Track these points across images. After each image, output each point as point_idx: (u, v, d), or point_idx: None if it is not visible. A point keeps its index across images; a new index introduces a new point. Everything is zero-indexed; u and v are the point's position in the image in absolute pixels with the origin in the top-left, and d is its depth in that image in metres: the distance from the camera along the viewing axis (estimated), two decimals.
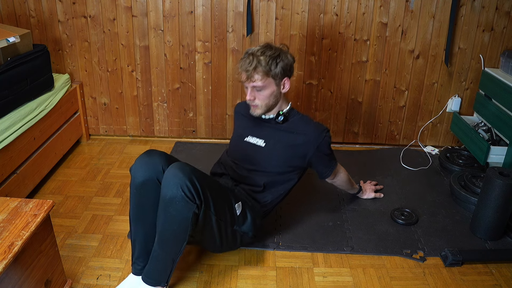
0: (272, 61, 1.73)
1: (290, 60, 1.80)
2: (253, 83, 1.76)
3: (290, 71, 1.82)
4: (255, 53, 1.75)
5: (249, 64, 1.73)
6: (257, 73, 1.74)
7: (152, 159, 1.60)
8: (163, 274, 1.57)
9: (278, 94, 1.81)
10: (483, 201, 1.97)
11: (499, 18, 2.55)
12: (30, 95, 2.28)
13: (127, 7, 2.60)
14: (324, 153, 1.87)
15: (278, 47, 1.80)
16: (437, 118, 2.83)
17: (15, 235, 1.30)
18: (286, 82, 1.81)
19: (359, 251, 1.93)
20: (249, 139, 1.92)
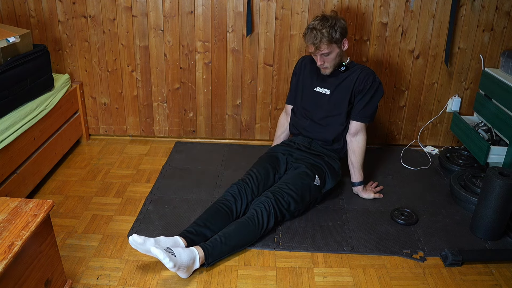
0: (332, 30, 2.06)
1: (344, 23, 2.12)
2: (320, 52, 2.10)
3: (346, 32, 2.14)
4: (316, 27, 2.07)
5: (315, 38, 2.07)
6: (323, 44, 2.07)
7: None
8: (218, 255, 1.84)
9: (342, 52, 2.17)
10: (483, 201, 1.97)
11: (499, 18, 2.55)
12: (30, 95, 2.28)
13: (127, 7, 2.60)
14: (369, 96, 2.19)
15: (331, 16, 2.11)
16: (437, 118, 2.83)
17: (15, 235, 1.30)
18: (345, 42, 2.15)
19: (359, 251, 1.93)
20: (318, 89, 2.28)
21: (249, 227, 1.90)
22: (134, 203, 2.24)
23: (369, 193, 2.30)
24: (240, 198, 2.02)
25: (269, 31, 2.62)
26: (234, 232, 1.87)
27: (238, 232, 1.88)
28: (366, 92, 2.18)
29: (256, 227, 1.91)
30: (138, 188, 2.38)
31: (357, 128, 2.23)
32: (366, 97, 2.19)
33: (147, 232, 2.02)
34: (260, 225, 1.91)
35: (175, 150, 2.80)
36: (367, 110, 2.21)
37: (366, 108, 2.20)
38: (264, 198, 1.98)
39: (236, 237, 1.86)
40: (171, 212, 2.16)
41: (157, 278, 1.76)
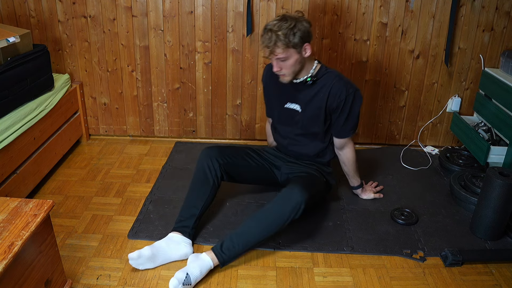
0: (289, 33, 1.82)
1: (307, 27, 1.88)
2: (276, 56, 1.88)
3: (309, 36, 1.90)
4: (272, 28, 1.84)
5: (269, 40, 1.84)
6: (278, 47, 1.84)
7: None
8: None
9: (302, 59, 1.92)
10: (483, 201, 1.97)
11: (499, 18, 2.55)
12: (30, 95, 2.28)
13: (127, 7, 2.60)
14: (346, 111, 2.00)
15: (293, 16, 1.88)
16: (437, 118, 2.83)
17: (15, 235, 1.30)
18: (307, 48, 1.90)
19: (359, 251, 1.93)
20: (288, 105, 2.08)
21: (267, 219, 1.81)
22: (134, 203, 2.24)
23: (369, 194, 2.30)
24: (211, 162, 1.99)
25: None
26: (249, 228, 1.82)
27: (254, 227, 1.82)
28: (342, 109, 1.98)
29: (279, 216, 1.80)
30: (138, 188, 2.38)
31: (341, 143, 2.10)
32: (343, 113, 2.00)
33: (147, 232, 2.02)
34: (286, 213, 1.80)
35: (175, 150, 2.80)
36: (348, 125, 2.04)
37: (346, 124, 2.03)
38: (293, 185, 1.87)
39: (252, 234, 1.81)
40: (171, 212, 2.16)
41: (157, 278, 1.76)
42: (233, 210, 2.19)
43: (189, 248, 1.87)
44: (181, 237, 1.88)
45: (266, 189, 2.33)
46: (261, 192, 2.32)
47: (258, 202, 2.25)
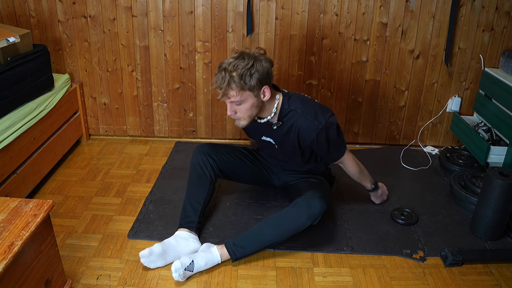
0: (246, 73, 1.66)
1: (266, 67, 1.71)
2: (230, 99, 1.73)
3: (268, 78, 1.74)
4: (227, 68, 1.68)
5: (222, 81, 1.68)
6: (231, 89, 1.69)
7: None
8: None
9: (260, 103, 1.77)
10: (483, 201, 1.97)
11: (499, 18, 2.55)
12: (30, 95, 2.28)
13: (127, 7, 2.60)
14: (324, 144, 1.86)
15: (252, 54, 1.72)
16: (437, 118, 2.83)
17: (15, 235, 1.30)
18: (266, 91, 1.74)
19: (359, 251, 1.93)
20: (264, 138, 1.99)
21: (284, 224, 1.80)
22: (134, 203, 2.24)
23: (377, 199, 2.25)
24: (205, 157, 1.99)
25: (269, 31, 2.62)
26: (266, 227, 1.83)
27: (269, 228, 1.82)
28: (318, 143, 1.85)
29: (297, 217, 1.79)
30: (138, 188, 2.38)
31: (337, 162, 2.00)
32: (322, 146, 1.87)
33: (147, 232, 2.02)
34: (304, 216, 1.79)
35: (175, 150, 2.79)
36: (333, 152, 1.92)
37: (330, 151, 1.91)
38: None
39: (267, 236, 1.82)
40: (171, 212, 2.16)
41: (157, 278, 1.76)
42: (233, 210, 2.19)
43: (197, 243, 1.89)
44: (188, 233, 1.89)
45: (266, 189, 2.33)
46: (261, 192, 2.32)
47: (258, 202, 2.25)
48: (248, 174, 2.15)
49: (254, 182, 2.26)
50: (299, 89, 2.76)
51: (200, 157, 2.00)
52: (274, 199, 2.27)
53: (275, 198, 2.29)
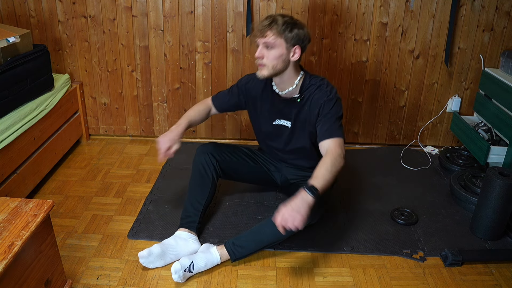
0: (288, 25, 1.75)
1: (307, 34, 1.81)
2: (264, 39, 1.76)
3: (304, 42, 1.81)
4: (275, 16, 1.78)
5: (266, 21, 1.76)
6: (270, 30, 1.75)
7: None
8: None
9: (287, 60, 1.80)
10: (483, 201, 1.97)
11: (499, 18, 2.55)
12: (30, 95, 2.28)
13: (127, 7, 2.60)
14: (328, 109, 1.83)
15: (300, 22, 1.81)
16: (437, 118, 2.82)
17: (15, 235, 1.30)
18: (297, 50, 1.79)
19: (359, 251, 1.93)
20: (277, 122, 1.98)
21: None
22: (134, 203, 2.24)
23: (285, 212, 1.62)
24: (208, 157, 2.01)
25: None
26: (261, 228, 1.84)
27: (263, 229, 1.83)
28: (323, 110, 1.84)
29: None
30: (138, 188, 2.38)
31: (325, 146, 1.80)
32: (326, 115, 1.83)
33: (147, 232, 2.02)
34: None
35: None
36: (332, 125, 1.82)
37: (329, 123, 1.82)
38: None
39: (266, 235, 1.82)
40: (171, 212, 2.16)
41: (157, 278, 1.76)
42: (233, 210, 2.19)
43: (197, 244, 1.89)
44: (188, 233, 1.90)
45: (266, 189, 2.33)
46: (261, 192, 2.32)
47: (258, 202, 2.25)
48: (251, 174, 2.14)
49: (256, 182, 2.25)
50: None
51: (203, 157, 2.01)
52: (274, 199, 2.27)
53: (275, 198, 2.29)
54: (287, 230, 1.60)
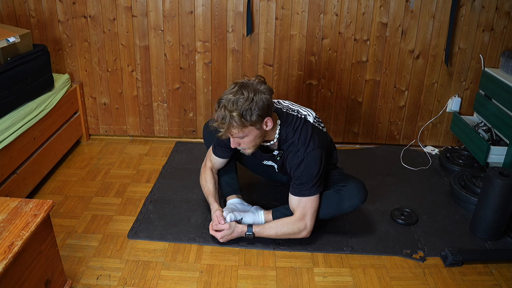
0: (247, 110, 1.63)
1: (266, 100, 1.67)
2: (232, 136, 1.73)
3: (270, 109, 1.71)
4: (227, 105, 1.64)
5: (223, 121, 1.65)
6: (233, 128, 1.67)
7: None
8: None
9: (263, 132, 1.77)
10: (483, 201, 1.97)
11: (499, 18, 2.55)
12: (30, 95, 2.28)
13: (127, 7, 2.60)
14: (296, 177, 1.82)
15: (251, 86, 1.67)
16: (437, 118, 2.83)
17: (15, 235, 1.30)
18: (268, 121, 1.72)
19: (359, 251, 1.93)
20: (266, 162, 2.01)
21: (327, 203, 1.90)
22: (134, 203, 2.24)
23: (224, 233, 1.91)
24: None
25: (269, 31, 2.62)
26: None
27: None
28: (294, 172, 1.82)
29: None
30: (138, 188, 2.38)
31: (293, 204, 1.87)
32: (295, 177, 1.82)
33: (147, 232, 2.02)
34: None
35: (175, 150, 2.79)
36: (302, 184, 1.82)
37: (299, 181, 1.82)
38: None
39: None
40: (171, 212, 2.16)
41: (157, 278, 1.76)
42: None
43: (247, 205, 2.06)
44: (237, 198, 2.07)
45: (266, 189, 2.34)
46: (261, 192, 2.33)
47: (258, 202, 2.25)
48: (255, 164, 2.19)
49: (260, 172, 2.30)
50: (299, 89, 2.76)
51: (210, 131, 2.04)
52: (274, 199, 2.27)
53: (275, 198, 2.29)
54: (323, 214, 1.89)
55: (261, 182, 2.41)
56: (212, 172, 2.10)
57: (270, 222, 1.91)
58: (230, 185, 2.12)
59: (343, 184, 1.92)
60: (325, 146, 1.87)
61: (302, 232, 1.86)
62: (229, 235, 1.90)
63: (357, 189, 1.89)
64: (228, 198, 2.09)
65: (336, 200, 1.89)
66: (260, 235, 1.89)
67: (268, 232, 1.88)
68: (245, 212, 1.98)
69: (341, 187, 1.91)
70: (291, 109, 1.89)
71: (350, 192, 1.88)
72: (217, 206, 1.98)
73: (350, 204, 1.88)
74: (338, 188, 1.91)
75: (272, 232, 1.88)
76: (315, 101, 2.79)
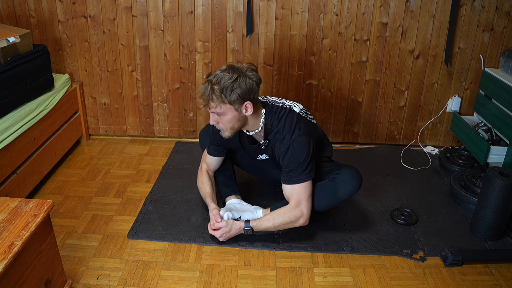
0: (227, 89, 1.70)
1: (249, 84, 1.73)
2: (210, 110, 1.77)
3: (252, 94, 1.75)
4: (212, 80, 1.72)
5: (204, 92, 1.74)
6: (212, 101, 1.73)
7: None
8: None
9: (242, 117, 1.79)
10: (483, 201, 1.97)
11: (499, 18, 2.55)
12: (30, 95, 2.28)
13: (127, 7, 2.60)
14: (285, 164, 1.84)
15: (239, 69, 1.74)
16: (437, 118, 2.83)
17: (15, 235, 1.30)
18: (248, 106, 1.75)
19: (359, 251, 1.93)
20: (260, 157, 2.02)
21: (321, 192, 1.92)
22: (134, 203, 2.24)
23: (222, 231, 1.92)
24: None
25: (269, 31, 2.62)
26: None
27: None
28: (283, 160, 1.84)
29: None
30: (138, 188, 2.38)
31: (287, 192, 1.89)
32: (284, 161, 1.84)
33: (147, 232, 2.02)
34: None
35: (175, 150, 2.80)
36: (292, 171, 1.83)
37: (290, 169, 1.83)
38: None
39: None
40: (171, 212, 2.16)
41: (157, 278, 1.76)
42: None
43: (246, 205, 2.06)
44: (236, 199, 2.09)
45: (266, 189, 2.34)
46: (261, 192, 2.33)
47: (258, 202, 2.25)
48: (251, 163, 2.21)
49: (257, 172, 2.32)
50: (299, 89, 2.76)
51: (207, 136, 2.13)
52: (274, 199, 2.27)
53: (275, 198, 2.29)
54: (319, 205, 1.91)
55: (261, 182, 2.41)
56: (208, 175, 2.13)
57: (266, 214, 1.93)
58: (228, 186, 2.14)
59: (337, 172, 1.95)
60: (313, 135, 1.88)
61: (300, 219, 1.86)
62: (228, 232, 1.90)
63: (351, 176, 1.91)
64: (227, 199, 2.11)
65: (330, 189, 1.91)
66: (258, 229, 1.90)
67: (266, 225, 1.89)
68: (243, 211, 1.99)
69: (335, 175, 1.94)
70: (276, 102, 1.93)
71: (344, 179, 1.90)
72: (214, 206, 1.99)
73: (345, 191, 1.90)
74: (332, 176, 1.94)
75: (269, 224, 1.88)
76: (315, 101, 2.79)
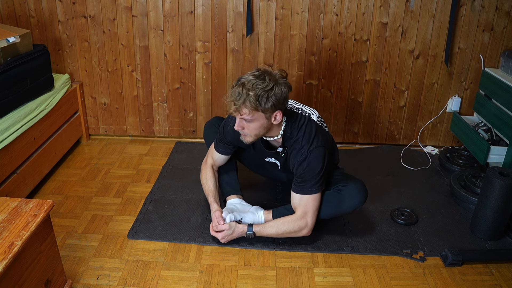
0: (263, 96, 1.64)
1: (284, 92, 1.69)
2: (240, 116, 1.71)
3: (284, 103, 1.72)
4: (246, 84, 1.65)
5: (238, 97, 1.65)
6: (245, 107, 1.66)
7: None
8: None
9: (269, 125, 1.76)
10: (483, 201, 1.97)
11: (499, 18, 2.55)
12: (30, 95, 2.28)
13: (127, 7, 2.60)
14: (299, 174, 1.82)
15: (274, 76, 1.69)
16: (437, 118, 2.83)
17: (15, 235, 1.30)
18: (278, 115, 1.72)
19: (359, 251, 1.93)
20: (268, 159, 2.01)
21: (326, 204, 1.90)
22: (134, 203, 2.24)
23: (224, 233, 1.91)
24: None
25: (269, 31, 2.62)
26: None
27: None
28: (297, 170, 1.83)
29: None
30: (138, 188, 2.38)
31: (295, 201, 1.88)
32: (298, 174, 1.82)
33: (147, 232, 2.02)
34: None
35: (175, 150, 2.80)
36: (304, 183, 1.82)
37: (302, 180, 1.83)
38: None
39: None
40: (171, 212, 2.16)
41: (157, 278, 1.76)
42: None
43: (247, 205, 2.05)
44: (237, 199, 2.07)
45: (266, 189, 2.34)
46: (260, 192, 2.33)
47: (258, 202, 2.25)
48: (257, 162, 2.19)
49: (260, 171, 2.29)
50: (299, 89, 2.76)
51: (212, 130, 2.16)
52: (274, 199, 2.28)
53: (276, 198, 2.29)
54: (322, 214, 1.89)
55: (262, 182, 2.41)
56: (213, 170, 2.10)
57: (270, 221, 1.92)
58: (230, 184, 2.12)
59: (344, 184, 1.92)
60: (328, 145, 1.88)
61: (303, 230, 1.86)
62: (230, 235, 1.90)
63: (357, 189, 1.89)
64: (228, 198, 2.09)
65: (336, 200, 1.89)
66: (261, 234, 1.89)
67: (269, 231, 1.88)
68: (244, 212, 1.98)
69: (341, 187, 1.91)
70: (295, 108, 1.90)
71: (350, 192, 1.88)
72: (217, 207, 1.97)
73: (350, 204, 1.88)
74: (339, 188, 1.91)
75: (272, 231, 1.87)
76: (315, 101, 2.79)
